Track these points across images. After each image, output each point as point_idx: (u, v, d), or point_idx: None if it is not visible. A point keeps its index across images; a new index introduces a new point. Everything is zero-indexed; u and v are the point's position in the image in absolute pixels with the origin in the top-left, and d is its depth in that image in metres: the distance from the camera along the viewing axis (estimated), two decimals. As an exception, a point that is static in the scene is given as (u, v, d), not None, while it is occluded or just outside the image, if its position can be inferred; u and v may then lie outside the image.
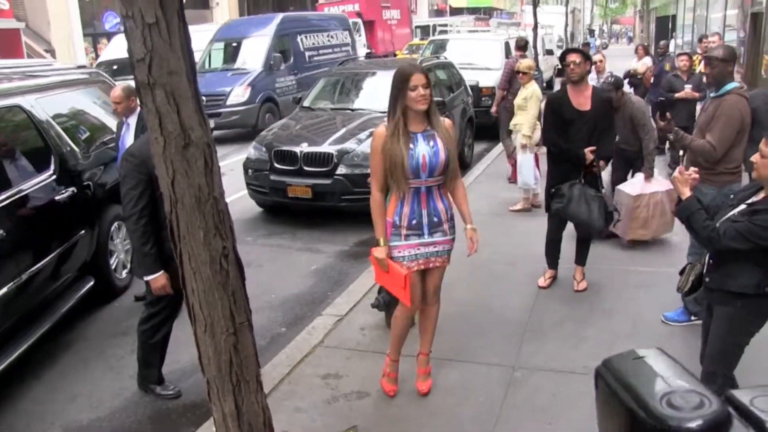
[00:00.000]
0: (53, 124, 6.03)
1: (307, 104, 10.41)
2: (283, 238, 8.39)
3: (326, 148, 8.50)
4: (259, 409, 2.71)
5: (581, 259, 6.17)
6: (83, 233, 5.91)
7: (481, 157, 12.81)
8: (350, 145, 8.50)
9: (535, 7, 18.81)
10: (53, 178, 5.72)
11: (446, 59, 13.12)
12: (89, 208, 6.12)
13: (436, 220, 4.11)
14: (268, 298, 6.41)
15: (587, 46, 20.21)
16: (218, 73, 16.48)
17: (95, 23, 24.64)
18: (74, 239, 5.77)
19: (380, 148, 3.98)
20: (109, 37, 22.46)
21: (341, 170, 8.32)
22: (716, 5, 23.49)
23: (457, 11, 50.61)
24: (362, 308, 5.82)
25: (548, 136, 5.85)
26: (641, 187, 7.06)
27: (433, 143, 4.00)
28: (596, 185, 5.83)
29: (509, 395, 4.47)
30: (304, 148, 8.53)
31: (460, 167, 4.50)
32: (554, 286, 6.21)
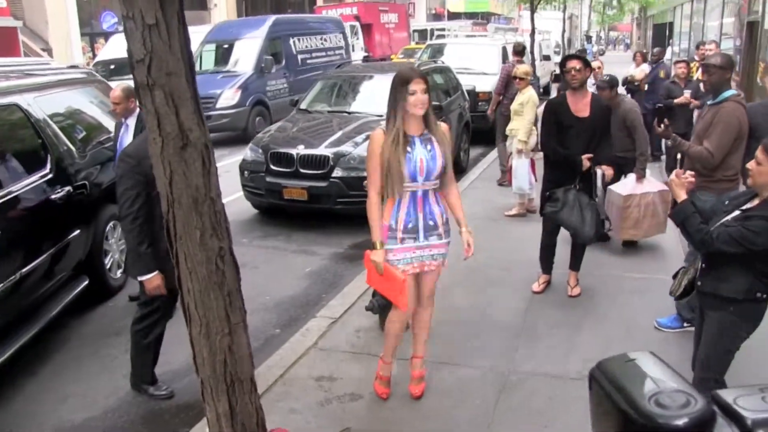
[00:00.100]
0: (50, 123, 6.03)
1: (303, 107, 10.43)
2: (278, 240, 8.40)
3: (322, 150, 8.52)
4: (252, 409, 2.72)
5: (575, 264, 6.19)
6: (78, 232, 5.90)
7: (477, 161, 12.84)
8: (346, 148, 8.51)
9: (532, 12, 18.85)
10: (49, 177, 5.71)
11: (443, 64, 13.15)
12: (85, 207, 6.11)
13: (431, 223, 4.13)
14: (262, 299, 6.41)
15: (583, 52, 20.22)
16: (208, 75, 16.22)
17: (93, 23, 24.64)
18: (69, 238, 5.76)
19: (377, 151, 3.99)
20: (106, 36, 22.44)
21: (337, 173, 8.33)
22: (713, 13, 23.61)
23: (454, 16, 50.74)
24: (356, 311, 5.83)
25: (546, 141, 5.87)
26: (632, 187, 7.08)
27: (430, 147, 4.02)
28: (591, 192, 5.85)
29: (503, 399, 4.48)
30: (300, 150, 8.55)
31: (456, 171, 4.52)
32: (548, 291, 6.23)
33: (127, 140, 6.00)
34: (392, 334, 4.43)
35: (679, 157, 7.73)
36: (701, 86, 8.14)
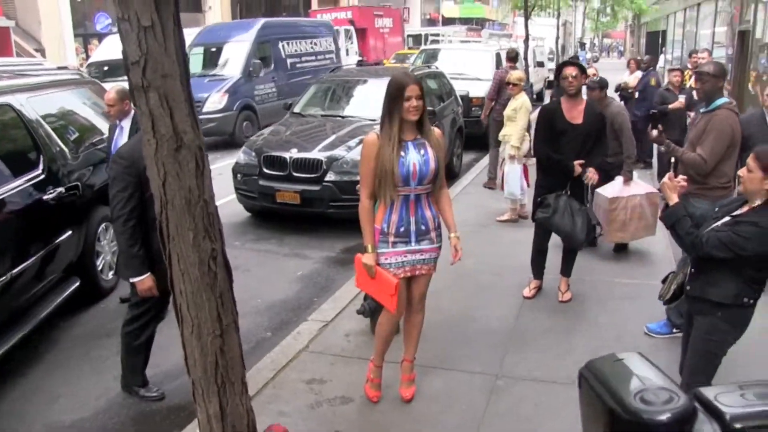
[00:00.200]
0: (43, 123, 6.02)
1: (297, 110, 10.44)
2: (270, 243, 8.40)
3: (316, 154, 8.53)
4: (243, 411, 2.73)
5: (567, 270, 6.22)
6: (70, 234, 5.90)
7: (470, 166, 12.87)
8: (340, 152, 8.53)
9: (526, 19, 18.91)
10: (41, 178, 5.70)
11: (437, 69, 13.19)
12: (77, 208, 6.11)
13: (423, 228, 4.15)
14: (254, 302, 6.42)
15: (575, 59, 20.22)
16: (195, 79, 15.80)
17: (86, 23, 24.60)
18: (61, 240, 5.76)
19: (371, 155, 4.01)
20: (100, 37, 22.40)
21: (330, 177, 8.34)
22: (705, 22, 23.75)
23: (449, 21, 50.79)
24: (348, 314, 5.84)
25: (539, 146, 5.90)
26: (619, 190, 7.11)
27: (423, 152, 4.04)
28: (582, 197, 5.88)
29: (492, 403, 4.50)
30: (293, 153, 8.56)
31: (449, 177, 4.54)
32: (539, 296, 6.25)
33: (121, 142, 5.99)
34: (382, 337, 4.45)
35: (672, 163, 7.77)
36: (694, 94, 8.19)
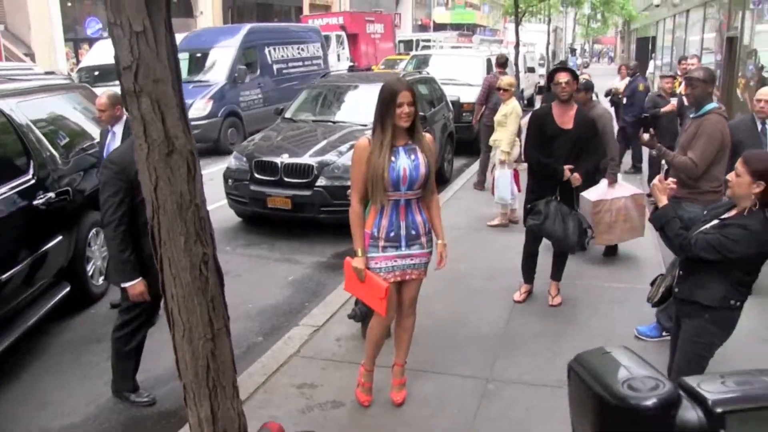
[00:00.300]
0: (33, 128, 6.01)
1: (288, 115, 10.45)
2: (261, 248, 8.40)
3: (307, 159, 8.54)
4: (234, 414, 2.74)
5: (557, 274, 6.25)
6: (61, 239, 5.88)
7: (460, 172, 12.90)
8: (331, 157, 8.54)
9: (517, 25, 18.99)
10: (31, 183, 5.68)
11: (428, 74, 13.23)
12: (67, 214, 6.09)
13: (413, 232, 4.16)
14: (245, 307, 6.41)
15: (563, 64, 20.30)
16: None
17: (77, 28, 24.50)
18: (51, 245, 5.74)
19: (362, 159, 4.03)
20: (90, 42, 22.31)
21: (321, 182, 8.35)
22: (694, 28, 23.91)
23: (440, 27, 50.91)
24: (339, 319, 5.85)
25: (529, 151, 5.93)
26: (602, 192, 7.14)
27: (414, 157, 4.06)
28: (572, 202, 5.91)
29: (483, 407, 4.51)
30: (284, 159, 8.56)
31: (439, 182, 4.57)
32: (530, 300, 6.28)
33: (113, 148, 5.99)
34: (373, 341, 4.46)
35: (664, 168, 7.83)
36: (684, 100, 8.27)
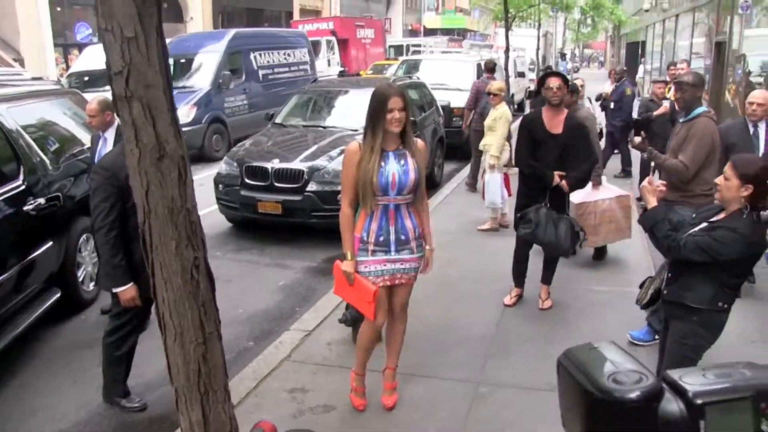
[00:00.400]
0: (23, 134, 6.00)
1: (279, 121, 10.46)
2: (252, 253, 8.41)
3: (297, 164, 8.55)
4: (226, 418, 2.75)
5: (547, 278, 6.27)
6: (51, 245, 5.87)
7: (450, 176, 12.94)
8: (321, 162, 8.55)
9: (507, 30, 19.07)
10: (21, 188, 5.67)
11: (418, 79, 13.27)
12: (58, 219, 6.08)
13: (403, 237, 4.18)
14: (236, 312, 6.41)
15: (548, 69, 20.31)
16: None
17: (67, 33, 24.45)
18: (42, 251, 5.73)
19: (352, 163, 4.05)
20: (80, 48, 22.26)
21: (312, 187, 8.36)
22: (684, 33, 24.08)
23: (431, 32, 51.03)
24: (329, 324, 5.85)
25: (520, 155, 5.97)
26: (585, 194, 7.17)
27: (403, 162, 4.08)
28: (563, 206, 5.94)
29: (473, 410, 4.53)
30: (275, 164, 8.57)
31: (430, 186, 4.59)
32: (520, 304, 6.30)
33: (104, 153, 5.98)
34: (363, 346, 4.47)
35: (653, 168, 7.88)
36: (675, 104, 8.34)
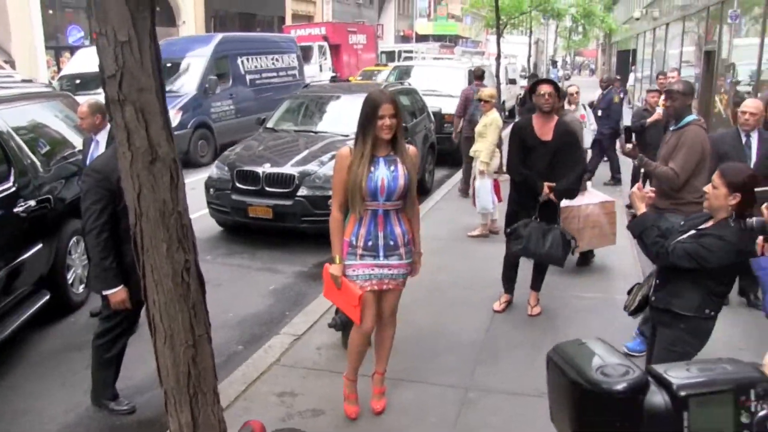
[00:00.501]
0: (14, 136, 6.00)
1: (270, 125, 10.48)
2: (242, 257, 8.41)
3: (288, 169, 8.57)
4: (215, 421, 2.76)
5: (536, 284, 6.30)
6: (41, 247, 5.86)
7: (441, 182, 12.97)
8: (312, 167, 8.57)
9: (498, 37, 19.12)
10: (12, 190, 5.67)
11: (410, 85, 13.31)
12: (48, 222, 6.07)
13: (392, 243, 4.19)
14: (225, 316, 6.41)
15: (534, 77, 20.36)
16: None
17: (59, 36, 24.41)
18: (31, 253, 5.72)
19: (342, 167, 4.08)
20: (71, 50, 22.22)
21: (302, 191, 8.38)
22: (674, 42, 24.22)
23: (423, 38, 51.17)
24: (319, 328, 5.87)
25: (511, 162, 6.00)
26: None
27: (393, 168, 4.09)
28: (554, 218, 5.95)
29: (463, 416, 4.55)
30: (266, 168, 8.58)
31: (420, 192, 4.61)
32: (509, 310, 6.33)
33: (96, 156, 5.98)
34: (354, 351, 4.48)
35: (643, 176, 7.94)
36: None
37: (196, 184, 10.14)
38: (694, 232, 3.74)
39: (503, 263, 6.36)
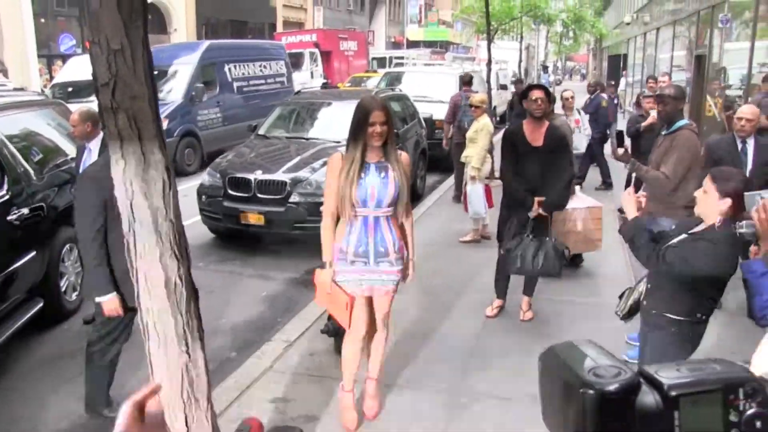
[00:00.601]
0: (7, 144, 6.00)
1: (262, 132, 10.49)
2: (234, 264, 8.41)
3: (280, 176, 8.57)
4: (209, 426, 2.77)
5: (529, 290, 6.32)
6: (34, 255, 5.86)
7: (433, 188, 12.99)
8: (304, 173, 8.58)
9: (489, 42, 19.17)
10: (5, 198, 5.67)
11: (400, 91, 13.34)
12: (41, 229, 6.07)
13: (382, 250, 4.19)
14: (218, 323, 6.41)
15: (519, 83, 20.37)
16: None
17: (51, 44, 24.39)
18: (25, 260, 5.72)
19: (334, 173, 4.09)
20: (64, 59, 22.18)
21: (294, 198, 8.39)
22: (665, 46, 24.34)
23: (414, 44, 51.29)
24: (312, 334, 5.87)
25: (503, 169, 6.02)
26: None
27: (384, 174, 4.10)
28: (545, 229, 5.97)
29: (454, 421, 4.56)
30: (258, 175, 8.59)
31: (412, 198, 4.62)
32: (501, 315, 6.35)
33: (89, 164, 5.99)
34: (348, 358, 4.48)
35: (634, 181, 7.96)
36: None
37: (185, 191, 10.13)
38: (685, 236, 3.75)
39: (495, 270, 6.37)
